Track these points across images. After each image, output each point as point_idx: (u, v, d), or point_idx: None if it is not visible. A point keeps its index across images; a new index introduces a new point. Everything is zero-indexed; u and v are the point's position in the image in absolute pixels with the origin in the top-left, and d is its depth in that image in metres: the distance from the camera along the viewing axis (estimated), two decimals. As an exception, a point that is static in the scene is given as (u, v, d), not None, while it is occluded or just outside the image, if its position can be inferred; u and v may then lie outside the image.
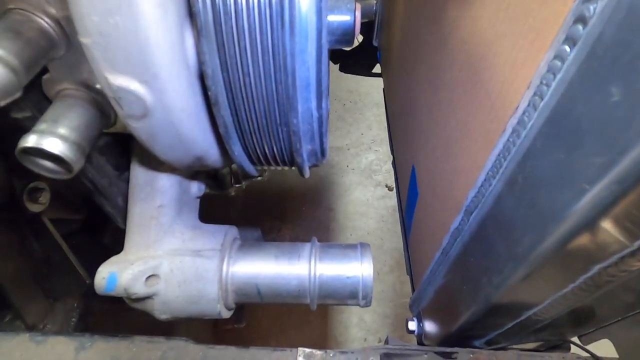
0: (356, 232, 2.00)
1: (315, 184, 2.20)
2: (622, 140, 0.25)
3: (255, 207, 1.89)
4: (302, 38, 0.25)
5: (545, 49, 0.33)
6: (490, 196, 0.43)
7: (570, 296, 0.39)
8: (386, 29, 1.23)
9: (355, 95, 2.64)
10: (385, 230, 2.04)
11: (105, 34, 0.23)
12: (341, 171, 2.27)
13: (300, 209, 2.04)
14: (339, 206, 2.12)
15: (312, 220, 2.04)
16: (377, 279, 1.91)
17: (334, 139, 2.41)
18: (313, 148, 0.33)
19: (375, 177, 2.23)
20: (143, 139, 0.30)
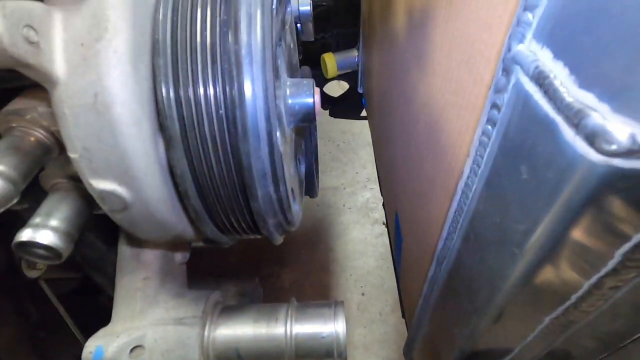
0: (356, 272, 1.99)
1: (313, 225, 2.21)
2: (534, 212, 0.28)
3: (254, 254, 1.90)
4: (254, 140, 0.29)
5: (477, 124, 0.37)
6: (454, 250, 0.46)
7: (535, 344, 0.41)
8: (367, 78, 1.32)
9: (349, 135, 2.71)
10: (384, 268, 2.03)
11: (89, 150, 0.28)
12: (338, 211, 2.30)
13: (298, 252, 2.04)
14: (337, 246, 2.13)
15: (312, 263, 2.04)
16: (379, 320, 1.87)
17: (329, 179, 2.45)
18: (277, 221, 0.37)
19: (372, 215, 2.25)
20: (125, 227, 0.34)
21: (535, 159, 0.27)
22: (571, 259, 0.29)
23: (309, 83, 0.43)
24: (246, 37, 0.28)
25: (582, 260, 0.29)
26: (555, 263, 0.30)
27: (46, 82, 0.26)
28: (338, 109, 1.77)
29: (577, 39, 0.22)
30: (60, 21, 0.26)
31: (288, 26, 0.50)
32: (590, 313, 0.34)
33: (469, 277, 0.43)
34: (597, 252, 0.28)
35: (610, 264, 0.28)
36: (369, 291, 1.84)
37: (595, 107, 0.21)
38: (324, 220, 2.09)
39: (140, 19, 0.28)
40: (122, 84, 0.27)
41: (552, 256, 0.30)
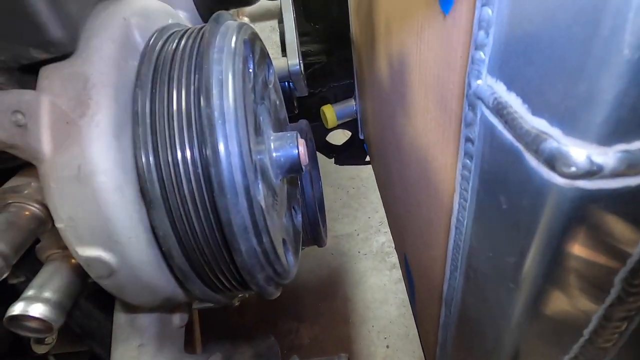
0: (378, 322, 1.89)
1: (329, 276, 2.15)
2: (518, 243, 0.27)
3: (269, 310, 1.83)
4: (231, 195, 0.30)
5: (458, 159, 0.37)
6: (459, 290, 0.44)
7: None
8: (365, 125, 1.36)
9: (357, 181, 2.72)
10: (407, 316, 1.92)
11: (74, 219, 0.30)
12: (354, 258, 2.24)
13: (316, 304, 1.97)
14: (356, 295, 2.04)
15: (330, 315, 1.95)
16: (408, 375, 1.73)
17: (342, 226, 2.42)
18: (267, 275, 0.36)
19: (389, 260, 2.18)
20: (113, 292, 0.34)
21: (509, 189, 0.27)
22: (570, 290, 0.28)
23: (292, 135, 0.45)
24: (218, 101, 0.30)
25: (582, 290, 0.27)
26: (554, 296, 0.28)
27: (33, 159, 0.29)
28: (343, 157, 1.80)
29: (522, 71, 0.23)
30: (48, 104, 0.28)
31: (272, 85, 0.53)
32: (609, 349, 0.31)
33: (476, 318, 0.40)
34: (595, 280, 0.26)
35: (613, 292, 0.26)
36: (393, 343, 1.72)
37: (549, 132, 0.21)
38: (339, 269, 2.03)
39: (122, 94, 0.31)
40: (104, 154, 0.29)
41: (549, 288, 0.28)
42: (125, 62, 0.32)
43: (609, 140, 0.19)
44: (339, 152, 1.83)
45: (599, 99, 0.18)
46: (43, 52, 0.27)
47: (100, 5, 0.35)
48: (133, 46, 0.34)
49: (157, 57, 0.34)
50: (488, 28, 0.26)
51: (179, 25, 0.42)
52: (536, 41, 0.21)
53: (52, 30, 0.26)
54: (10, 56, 0.27)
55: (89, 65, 0.30)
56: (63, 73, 0.29)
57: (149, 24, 0.37)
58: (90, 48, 0.30)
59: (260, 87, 0.45)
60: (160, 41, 0.36)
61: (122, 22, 0.34)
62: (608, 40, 0.16)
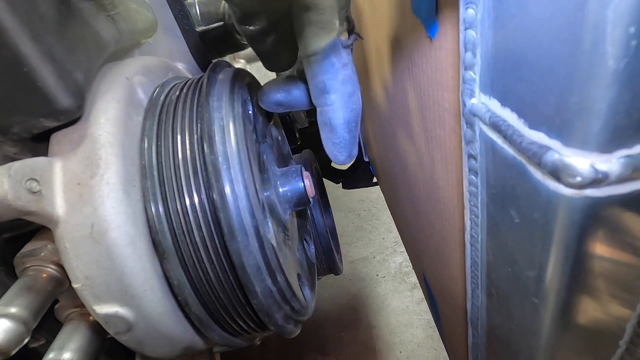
0: (405, 348, 1.82)
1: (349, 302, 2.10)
2: (536, 257, 0.27)
3: (292, 346, 1.78)
4: (242, 238, 0.30)
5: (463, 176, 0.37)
6: (483, 308, 0.43)
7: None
8: (369, 147, 1.37)
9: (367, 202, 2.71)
10: (436, 338, 1.85)
11: (90, 278, 0.30)
12: (372, 282, 2.19)
13: (339, 335, 1.91)
14: (379, 321, 1.98)
15: (355, 345, 1.89)
16: (443, 401, 1.65)
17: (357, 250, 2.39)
18: (285, 314, 0.36)
19: (409, 280, 2.13)
20: (133, 347, 0.34)
21: (519, 202, 0.27)
22: (598, 299, 0.27)
23: (296, 169, 0.45)
24: (221, 147, 0.31)
25: (610, 297, 0.26)
26: (583, 306, 0.27)
27: (48, 223, 0.29)
28: (350, 181, 1.80)
29: (513, 87, 0.24)
30: (60, 168, 0.29)
31: (273, 122, 0.54)
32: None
33: (504, 338, 0.38)
34: (622, 284, 0.25)
35: None
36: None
37: (549, 145, 0.21)
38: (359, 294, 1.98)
39: (129, 149, 0.32)
40: (115, 210, 0.30)
41: (575, 300, 0.27)
42: (130, 120, 0.34)
43: (609, 147, 0.19)
44: (345, 177, 1.84)
45: (592, 109, 0.18)
46: (53, 120, 0.29)
47: (104, 68, 0.37)
48: (137, 103, 0.36)
49: (159, 110, 0.36)
50: (474, 49, 0.27)
51: (178, 78, 0.44)
52: (522, 59, 0.22)
53: (62, 100, 0.27)
54: (23, 128, 0.28)
55: (96, 127, 0.31)
56: (73, 137, 0.31)
57: (150, 80, 0.39)
58: (97, 110, 0.32)
59: (261, 126, 0.46)
60: (162, 95, 0.38)
61: (125, 82, 0.35)
62: (591, 54, 0.16)
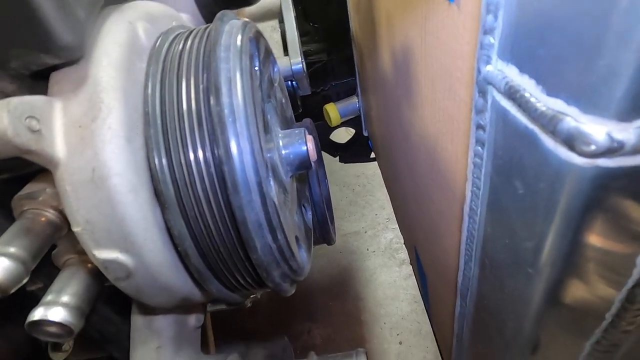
0: (390, 320, 1.88)
1: (339, 274, 2.15)
2: (537, 227, 0.27)
3: (282, 312, 1.84)
4: (245, 193, 0.30)
5: (469, 147, 0.37)
6: (474, 280, 0.44)
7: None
8: (369, 121, 1.35)
9: (363, 178, 2.72)
10: (419, 312, 1.91)
11: (90, 222, 0.30)
12: (362, 256, 2.23)
13: (328, 304, 1.97)
14: (367, 294, 2.04)
15: (342, 315, 1.95)
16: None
17: (349, 224, 2.42)
18: (282, 272, 0.36)
19: (398, 256, 2.17)
20: (131, 294, 0.34)
21: (525, 173, 0.27)
22: (591, 273, 0.27)
23: (300, 132, 0.45)
24: (227, 99, 0.30)
25: (603, 272, 0.27)
26: (575, 279, 0.28)
27: (48, 164, 0.29)
28: (348, 155, 1.80)
29: (535, 52, 0.23)
30: (60, 109, 0.29)
31: (277, 84, 0.53)
32: (632, 332, 0.31)
33: (494, 307, 0.40)
34: (616, 261, 0.26)
35: (636, 272, 0.26)
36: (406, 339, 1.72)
37: (566, 112, 0.21)
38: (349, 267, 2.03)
39: (132, 96, 0.31)
40: (117, 156, 0.29)
41: (569, 272, 0.28)
42: (133, 65, 0.33)
43: (629, 116, 0.19)
44: (343, 151, 1.83)
45: (618, 73, 0.17)
46: (53, 57, 0.27)
47: (105, 11, 0.35)
48: (140, 49, 0.34)
49: (164, 58, 0.34)
50: (497, 11, 0.26)
51: (183, 27, 0.42)
52: (549, 20, 0.21)
53: (62, 35, 0.26)
54: (21, 63, 0.27)
55: (98, 69, 0.30)
56: (73, 77, 0.30)
57: (154, 27, 0.37)
58: (99, 52, 0.31)
59: (266, 85, 0.45)
60: (166, 43, 0.36)
61: (127, 26, 0.34)
62: (627, 13, 0.16)
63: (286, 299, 2.10)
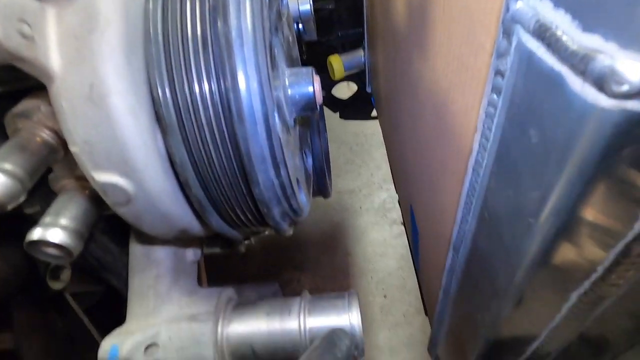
0: (377, 275, 1.96)
1: (331, 230, 2.20)
2: (546, 177, 0.27)
3: (273, 260, 1.90)
4: (250, 124, 0.29)
5: (482, 97, 0.36)
6: (469, 233, 0.44)
7: (564, 326, 0.38)
8: (374, 76, 1.31)
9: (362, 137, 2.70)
10: (406, 269, 1.99)
11: (89, 142, 0.29)
12: (355, 214, 2.27)
13: (318, 256, 2.03)
14: (356, 250, 2.10)
15: (331, 267, 2.02)
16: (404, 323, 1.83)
17: (344, 182, 2.43)
18: (283, 210, 0.36)
19: (390, 216, 2.22)
20: (131, 220, 0.34)
21: (543, 120, 0.26)
22: (592, 225, 0.27)
23: (308, 71, 0.43)
24: (235, 21, 0.28)
25: (604, 225, 0.27)
26: (575, 231, 0.28)
27: (43, 76, 0.27)
28: (348, 111, 1.76)
29: (576, -18, 0.21)
30: (54, 16, 0.26)
31: (285, 19, 0.50)
32: (620, 286, 0.32)
33: (487, 259, 0.41)
34: (620, 214, 0.26)
35: (637, 226, 0.26)
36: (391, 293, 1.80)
37: (602, 49, 0.20)
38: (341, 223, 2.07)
39: (132, 10, 0.29)
40: (117, 74, 0.27)
41: (571, 223, 0.28)
42: (133, -24, 0.30)
43: (670, 54, 0.17)
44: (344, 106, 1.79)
45: (671, 1, 0.16)
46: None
47: None
48: (139, -41, 0.31)
49: (167, -29, 0.31)
50: (537, -62, 0.24)
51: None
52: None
53: None
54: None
55: (94, -25, 0.27)
56: (67, -17, 0.27)
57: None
58: (95, -44, 0.28)
59: (274, 17, 0.42)
60: (169, -45, 0.33)
61: None
62: None
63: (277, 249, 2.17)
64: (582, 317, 0.37)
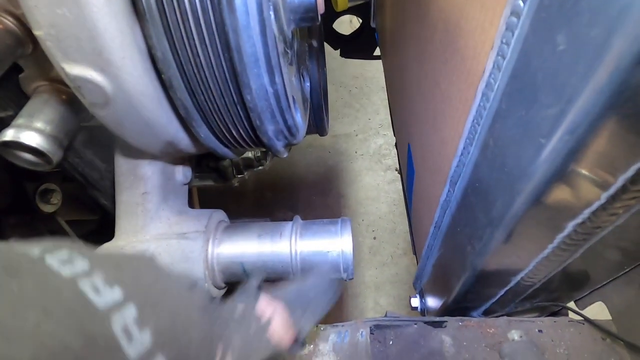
0: (368, 217, 2.00)
1: (325, 172, 2.20)
2: (569, 88, 0.24)
3: (267, 199, 1.91)
4: (242, 14, 0.25)
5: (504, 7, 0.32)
6: (470, 164, 0.43)
7: (552, 257, 0.39)
8: (380, 9, 1.21)
9: (361, 80, 2.60)
10: (397, 213, 2.03)
11: (55, 25, 0.25)
12: (350, 157, 2.27)
13: (311, 198, 2.05)
14: (349, 193, 2.12)
15: (324, 208, 2.05)
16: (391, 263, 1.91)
17: (341, 126, 2.39)
18: (277, 127, 0.34)
19: (385, 162, 2.21)
20: (111, 127, 0.31)
21: (577, 20, 0.23)
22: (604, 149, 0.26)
23: (309, -29, 0.37)
24: None
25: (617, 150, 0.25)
26: (586, 154, 0.26)
27: None
28: (350, 49, 1.66)
29: None
30: None
31: None
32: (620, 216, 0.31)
33: (485, 188, 0.39)
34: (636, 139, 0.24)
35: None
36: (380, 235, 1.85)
37: None
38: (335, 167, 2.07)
39: None
40: (83, -61, 0.23)
41: (584, 144, 0.26)
42: None
43: None
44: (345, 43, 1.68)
45: None
46: None
47: None
48: None
49: None
50: None
51: None
52: None
53: None
54: None
55: None
56: None
57: None
58: None
59: None
60: None
61: None
62: None
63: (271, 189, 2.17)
64: (572, 249, 0.37)
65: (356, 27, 1.61)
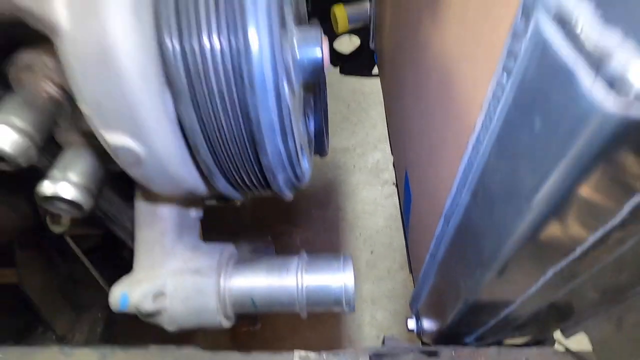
0: (365, 232, 2.02)
1: (323, 186, 2.23)
2: (543, 167, 0.28)
3: (266, 214, 1.94)
4: (261, 93, 0.29)
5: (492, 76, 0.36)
6: (462, 205, 0.47)
7: (537, 296, 0.42)
8: (379, 33, 1.26)
9: (359, 95, 2.65)
10: (394, 228, 2.06)
11: (98, 101, 0.29)
12: (348, 171, 2.30)
13: (309, 211, 2.08)
14: (347, 206, 2.15)
15: (322, 222, 2.08)
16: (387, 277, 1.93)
17: (339, 140, 2.43)
18: (287, 176, 0.37)
19: (382, 176, 2.25)
20: (140, 181, 0.35)
21: (549, 110, 0.26)
22: (579, 213, 0.29)
23: (317, 33, 0.41)
24: (249, -19, 0.27)
25: (590, 213, 0.29)
26: (563, 216, 0.30)
27: (50, 31, 0.26)
28: (349, 66, 1.71)
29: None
30: (58, -34, 0.25)
31: (295, -27, 0.47)
32: (593, 267, 0.35)
33: (475, 232, 0.43)
34: (606, 205, 0.28)
35: (619, 216, 0.28)
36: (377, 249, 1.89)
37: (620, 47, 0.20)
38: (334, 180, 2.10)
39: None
40: (125, 33, 0.27)
41: (560, 210, 0.30)
42: None
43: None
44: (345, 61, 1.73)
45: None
46: None
47: None
48: None
49: None
50: None
51: None
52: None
53: None
54: None
55: None
56: None
57: None
58: None
59: (285, -28, 0.40)
60: None
61: None
62: None
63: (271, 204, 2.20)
64: (554, 289, 0.41)
65: (356, 44, 1.66)
